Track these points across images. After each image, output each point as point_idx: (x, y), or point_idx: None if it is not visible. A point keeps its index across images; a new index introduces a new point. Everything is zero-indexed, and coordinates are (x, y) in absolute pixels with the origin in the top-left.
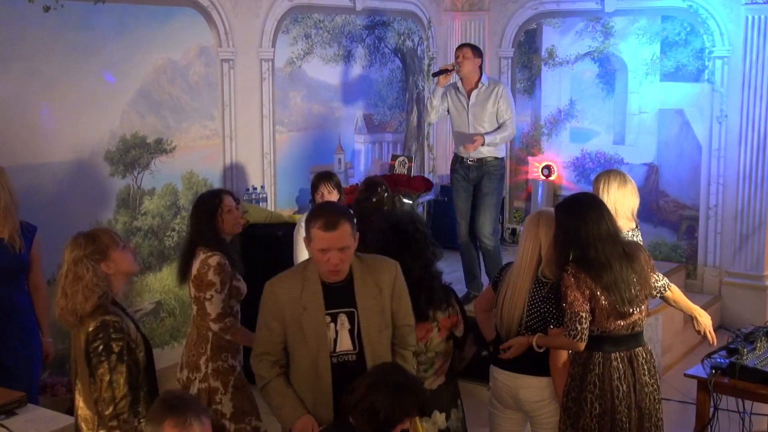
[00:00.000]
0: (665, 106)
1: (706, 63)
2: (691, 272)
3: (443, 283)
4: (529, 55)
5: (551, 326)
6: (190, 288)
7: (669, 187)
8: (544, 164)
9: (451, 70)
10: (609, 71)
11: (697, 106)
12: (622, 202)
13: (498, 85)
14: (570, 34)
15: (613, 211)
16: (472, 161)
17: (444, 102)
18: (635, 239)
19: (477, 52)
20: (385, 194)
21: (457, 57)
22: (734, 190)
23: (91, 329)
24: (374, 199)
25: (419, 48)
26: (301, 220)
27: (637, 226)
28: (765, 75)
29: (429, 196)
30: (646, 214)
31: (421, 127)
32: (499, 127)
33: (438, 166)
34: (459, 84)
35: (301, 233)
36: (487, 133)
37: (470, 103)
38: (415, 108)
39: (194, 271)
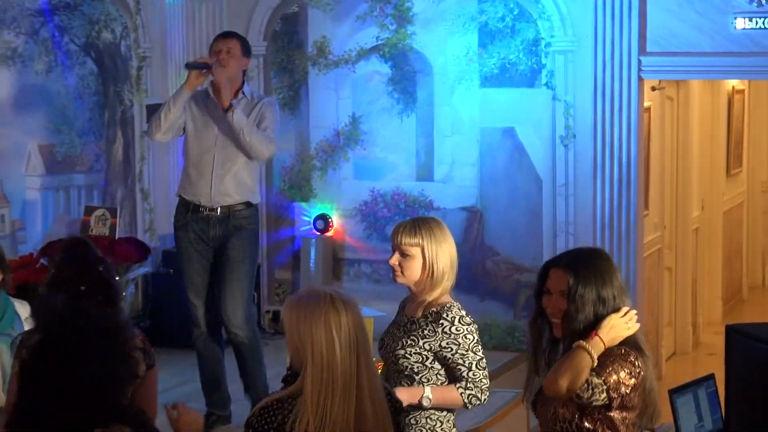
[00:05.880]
0: (488, 123)
1: (543, 60)
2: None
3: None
4: (288, 51)
5: None
6: None
7: (499, 241)
8: (317, 213)
9: (210, 67)
10: (406, 74)
11: (533, 121)
12: (446, 265)
13: (263, 99)
14: (348, 20)
15: (436, 277)
16: (212, 211)
17: (183, 115)
18: (459, 323)
19: (247, 48)
20: (100, 274)
21: (217, 51)
22: (590, 243)
23: None
24: (82, 287)
25: (123, 43)
26: None
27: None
28: (624, 76)
29: (144, 269)
30: (467, 282)
31: (129, 162)
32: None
33: (158, 221)
34: (210, 91)
35: None
36: (239, 114)
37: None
38: (119, 133)
39: None
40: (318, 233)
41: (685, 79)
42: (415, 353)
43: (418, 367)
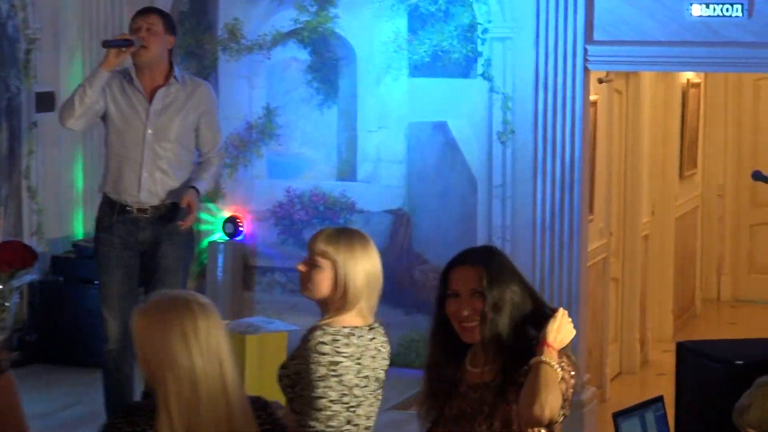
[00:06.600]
0: (418, 116)
1: (479, 48)
2: None
3: None
4: (197, 35)
5: None
6: None
7: (428, 247)
8: (226, 216)
9: (131, 45)
10: (328, 61)
11: (468, 115)
12: (361, 286)
13: (199, 87)
14: (263, 0)
15: (348, 298)
16: (141, 211)
17: (101, 100)
18: (311, 350)
19: (170, 24)
20: None
21: (136, 28)
22: (529, 250)
23: None
24: None
25: (10, 23)
26: None
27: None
28: (569, 66)
29: (31, 276)
30: (392, 294)
31: (15, 157)
32: (202, 163)
33: (47, 223)
34: (132, 74)
35: None
36: (198, 181)
37: (152, 108)
38: (4, 124)
39: None
40: (227, 238)
41: (636, 70)
42: (285, 376)
43: (287, 392)
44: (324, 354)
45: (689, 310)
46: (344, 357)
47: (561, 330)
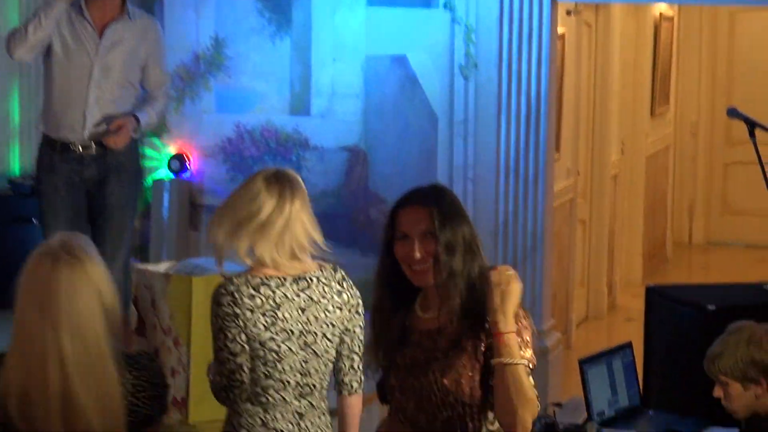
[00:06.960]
0: (376, 49)
1: None
2: None
3: None
4: None
5: None
6: None
7: (385, 186)
8: (172, 152)
9: None
10: None
11: (429, 49)
12: (253, 229)
13: (149, 24)
14: None
15: (278, 244)
16: (86, 149)
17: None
18: (211, 299)
19: None
20: None
21: None
22: (492, 190)
23: None
24: None
25: None
26: None
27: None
28: None
29: None
30: (348, 234)
31: None
32: (147, 99)
33: None
34: (83, 5)
35: None
36: (140, 112)
37: (102, 44)
38: None
39: None
40: (172, 175)
41: (606, 2)
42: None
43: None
44: (220, 305)
45: (659, 254)
46: (246, 309)
47: (505, 299)
